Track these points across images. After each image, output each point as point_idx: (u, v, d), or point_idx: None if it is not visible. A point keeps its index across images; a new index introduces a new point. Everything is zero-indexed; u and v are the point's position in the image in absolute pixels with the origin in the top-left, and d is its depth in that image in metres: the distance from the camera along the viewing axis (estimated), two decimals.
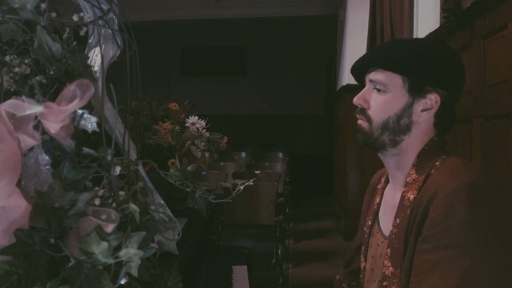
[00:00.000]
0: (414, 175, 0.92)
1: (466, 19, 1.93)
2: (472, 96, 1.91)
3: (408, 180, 0.93)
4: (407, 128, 0.93)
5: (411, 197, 0.90)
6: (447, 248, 0.79)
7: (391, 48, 0.96)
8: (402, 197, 0.93)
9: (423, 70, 0.92)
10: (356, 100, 0.97)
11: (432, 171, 0.90)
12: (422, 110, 0.92)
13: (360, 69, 0.99)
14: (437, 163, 0.91)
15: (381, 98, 0.94)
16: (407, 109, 0.92)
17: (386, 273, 0.92)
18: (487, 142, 1.78)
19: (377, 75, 0.94)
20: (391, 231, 0.94)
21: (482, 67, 1.82)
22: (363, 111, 0.96)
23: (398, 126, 0.93)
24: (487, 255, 0.78)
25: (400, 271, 0.89)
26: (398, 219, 0.92)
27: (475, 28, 1.88)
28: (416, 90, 0.92)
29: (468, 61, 1.96)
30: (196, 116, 1.59)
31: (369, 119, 0.95)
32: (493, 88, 1.75)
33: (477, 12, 1.82)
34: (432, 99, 0.92)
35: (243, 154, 6.38)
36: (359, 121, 0.97)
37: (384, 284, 0.93)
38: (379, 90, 0.94)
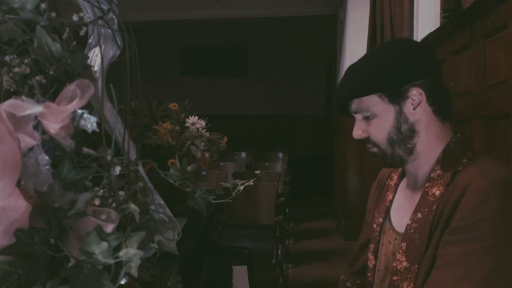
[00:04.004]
0: (439, 170, 0.91)
1: (466, 19, 1.93)
2: (472, 96, 1.91)
3: (432, 175, 0.92)
4: (412, 131, 0.93)
5: (437, 192, 0.89)
6: (476, 242, 0.78)
7: (352, 77, 0.97)
8: (425, 192, 0.92)
9: (389, 78, 0.92)
10: (355, 135, 0.98)
11: (459, 168, 0.89)
12: (414, 108, 0.92)
13: (341, 107, 1.01)
14: (464, 160, 0.90)
15: (373, 122, 0.95)
16: (400, 116, 0.92)
17: (398, 267, 0.92)
18: (487, 142, 1.78)
19: (355, 106, 0.96)
20: (408, 225, 0.92)
21: (482, 67, 1.82)
22: (368, 140, 0.97)
23: (403, 135, 0.93)
24: None
25: (418, 266, 0.88)
26: (419, 214, 0.91)
27: (475, 28, 1.88)
28: (396, 97, 0.92)
29: (468, 61, 1.96)
30: (196, 116, 1.59)
31: (375, 144, 0.96)
32: (493, 88, 1.74)
33: (477, 12, 1.82)
34: (416, 94, 0.91)
35: (243, 154, 6.38)
36: (370, 149, 0.99)
37: (394, 278, 0.92)
38: (367, 117, 0.95)
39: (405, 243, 0.92)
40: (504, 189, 0.80)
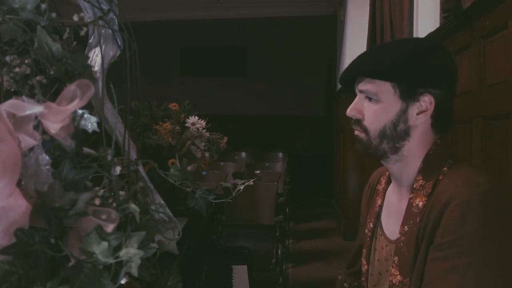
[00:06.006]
0: (421, 181, 0.90)
1: (466, 19, 1.93)
2: (472, 96, 1.91)
3: (415, 186, 0.91)
4: (406, 134, 0.91)
5: (420, 204, 0.88)
6: (460, 257, 0.78)
7: (376, 56, 0.94)
8: (410, 204, 0.91)
9: (412, 74, 0.89)
10: (349, 112, 0.95)
11: (440, 177, 0.88)
12: (418, 113, 0.90)
13: (348, 79, 0.97)
14: (445, 168, 0.89)
15: (374, 107, 0.92)
16: (402, 115, 0.90)
17: (393, 281, 0.91)
18: (487, 142, 1.78)
19: (366, 85, 0.92)
20: (398, 238, 0.92)
21: (482, 67, 1.82)
22: (359, 122, 0.95)
23: (396, 133, 0.91)
24: (500, 266, 0.78)
25: (409, 279, 0.87)
26: (406, 227, 0.90)
27: (475, 28, 1.88)
28: (408, 95, 0.89)
29: (468, 61, 1.96)
30: (196, 116, 1.59)
31: (365, 130, 0.93)
32: (493, 88, 1.74)
33: (477, 12, 1.82)
34: (426, 101, 0.89)
35: (243, 154, 6.38)
36: (356, 132, 0.96)
37: None
38: (370, 99, 0.92)
39: (397, 257, 0.91)
40: (485, 203, 0.79)
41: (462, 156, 1.89)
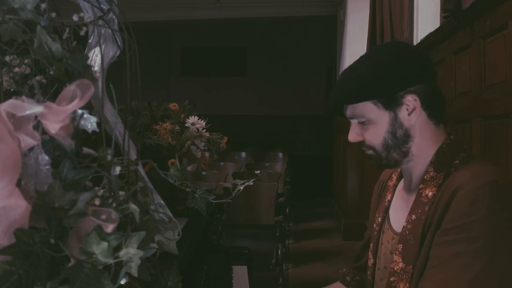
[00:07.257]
0: (432, 172, 0.92)
1: (466, 19, 1.93)
2: (472, 96, 1.91)
3: (425, 177, 0.93)
4: (407, 136, 0.94)
5: (430, 194, 0.90)
6: (467, 243, 0.79)
7: (346, 82, 0.97)
8: (419, 193, 0.93)
9: (383, 85, 0.91)
10: (350, 139, 0.99)
11: (452, 169, 0.90)
12: (409, 114, 0.92)
13: (336, 111, 1.02)
14: (457, 161, 0.91)
15: (368, 127, 0.95)
16: (395, 122, 0.93)
17: (395, 268, 0.93)
18: (487, 142, 1.78)
19: (350, 112, 0.97)
20: (404, 226, 0.94)
21: (482, 67, 1.82)
22: (363, 143, 0.98)
23: (398, 140, 0.94)
24: (506, 253, 0.79)
25: (412, 267, 0.89)
26: (413, 215, 0.92)
27: (475, 28, 1.88)
28: (390, 104, 0.92)
29: (468, 61, 1.97)
30: (196, 116, 1.59)
31: (371, 147, 0.97)
32: (493, 88, 1.75)
33: (477, 12, 1.82)
34: (411, 100, 0.91)
35: (243, 154, 6.38)
36: (365, 151, 1.00)
37: (392, 279, 0.93)
38: (362, 122, 0.96)
39: (401, 245, 0.93)
40: (494, 191, 0.80)
41: None
